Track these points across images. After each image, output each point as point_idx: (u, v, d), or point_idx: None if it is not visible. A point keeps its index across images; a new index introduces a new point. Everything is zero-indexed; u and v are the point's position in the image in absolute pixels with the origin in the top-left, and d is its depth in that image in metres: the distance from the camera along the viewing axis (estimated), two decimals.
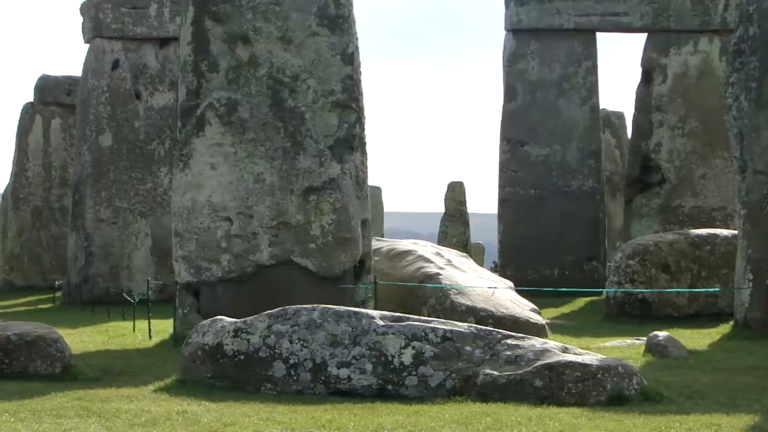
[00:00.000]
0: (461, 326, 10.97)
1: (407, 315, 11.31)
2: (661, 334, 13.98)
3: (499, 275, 20.58)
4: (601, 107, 26.39)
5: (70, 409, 9.45)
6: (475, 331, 10.83)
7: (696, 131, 25.06)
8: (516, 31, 25.17)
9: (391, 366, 10.37)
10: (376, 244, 16.71)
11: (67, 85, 29.17)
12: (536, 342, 10.73)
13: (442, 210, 36.51)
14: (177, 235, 15.07)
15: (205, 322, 11.58)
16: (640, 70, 25.91)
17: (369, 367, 10.41)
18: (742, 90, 16.61)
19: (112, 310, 19.92)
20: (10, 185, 30.36)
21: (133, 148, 24.45)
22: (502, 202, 25.37)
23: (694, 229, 20.61)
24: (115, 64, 24.63)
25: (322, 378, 10.47)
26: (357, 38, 15.50)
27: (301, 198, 14.87)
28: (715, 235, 19.22)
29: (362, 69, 15.58)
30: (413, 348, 10.44)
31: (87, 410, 9.40)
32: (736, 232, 17.36)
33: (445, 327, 10.77)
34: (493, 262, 25.76)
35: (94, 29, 24.64)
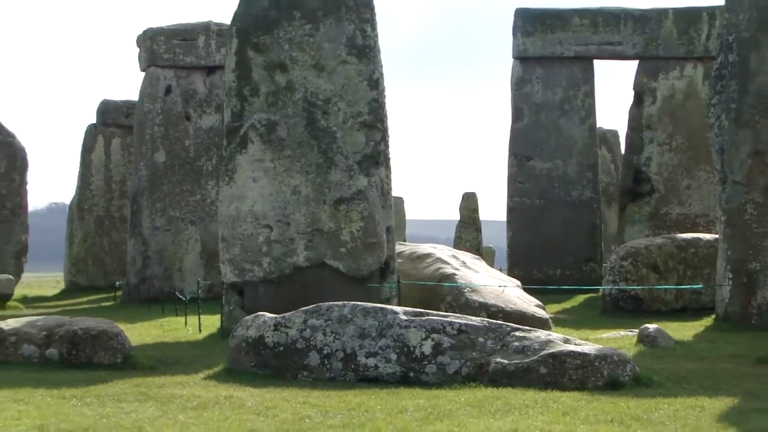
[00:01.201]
0: (475, 320, 10.97)
1: (427, 310, 11.31)
2: (651, 326, 13.95)
3: (508, 275, 20.55)
4: (597, 126, 26.32)
5: (130, 394, 9.48)
6: (487, 324, 10.83)
7: (682, 147, 24.99)
8: (522, 58, 25.15)
9: (413, 356, 10.37)
10: (399, 248, 16.68)
11: (125, 108, 29.27)
12: (541, 334, 10.73)
13: (458, 217, 36.43)
14: (223, 241, 15.10)
15: (249, 317, 11.60)
16: (632, 92, 25.83)
17: (393, 356, 10.42)
18: (722, 111, 16.58)
19: (166, 307, 19.96)
20: (75, 197, 30.44)
21: (184, 164, 24.49)
22: (511, 210, 25.32)
23: (680, 233, 20.54)
24: (168, 90, 24.69)
25: (352, 366, 10.49)
26: (381, 65, 15.50)
27: (333, 207, 14.88)
28: (699, 239, 19.18)
29: (386, 93, 15.59)
30: (432, 340, 10.44)
31: (145, 395, 9.43)
32: (717, 236, 17.32)
33: (460, 321, 10.78)
34: (499, 268, 25.66)
35: (149, 59, 24.72)
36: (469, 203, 35.88)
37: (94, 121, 30.38)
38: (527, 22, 25.12)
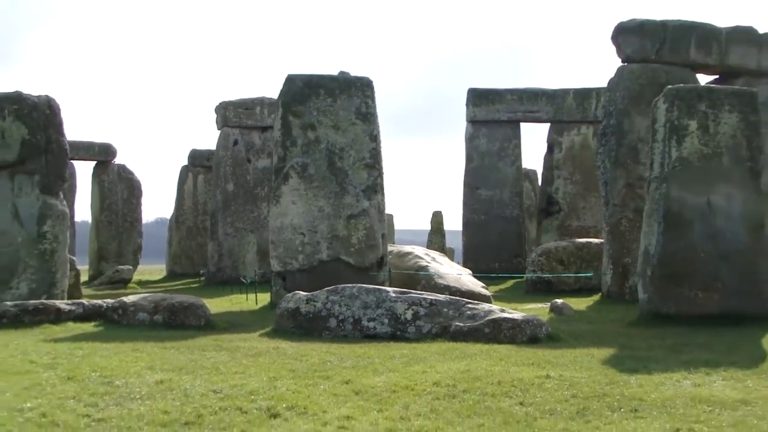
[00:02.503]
0: (441, 297, 11.01)
1: (409, 290, 11.37)
2: (559, 301, 14.02)
3: (462, 266, 20.54)
4: (522, 167, 26.32)
5: (210, 346, 9.49)
6: (449, 299, 10.88)
7: (579, 181, 25.03)
8: (472, 121, 25.14)
9: (399, 320, 10.41)
10: (390, 248, 16.73)
11: (207, 155, 29.22)
12: (485, 306, 10.78)
13: (429, 228, 36.49)
14: (272, 243, 15.12)
15: (289, 294, 11.64)
16: (546, 144, 25.89)
17: (386, 321, 10.45)
18: (606, 157, 16.68)
19: (233, 288, 19.99)
20: (174, 214, 30.43)
21: (246, 192, 24.47)
22: (465, 223, 25.30)
23: (577, 239, 20.59)
24: (235, 142, 24.68)
25: (359, 328, 10.51)
26: (378, 125, 15.55)
27: (346, 221, 14.91)
28: (590, 242, 19.23)
29: (382, 144, 15.61)
30: (412, 310, 10.47)
31: (219, 347, 9.44)
32: (602, 240, 17.40)
33: (431, 297, 10.82)
34: (457, 262, 25.64)
35: (223, 121, 24.73)
36: (437, 218, 35.93)
37: (186, 163, 30.37)
38: (476, 97, 25.15)
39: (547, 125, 25.97)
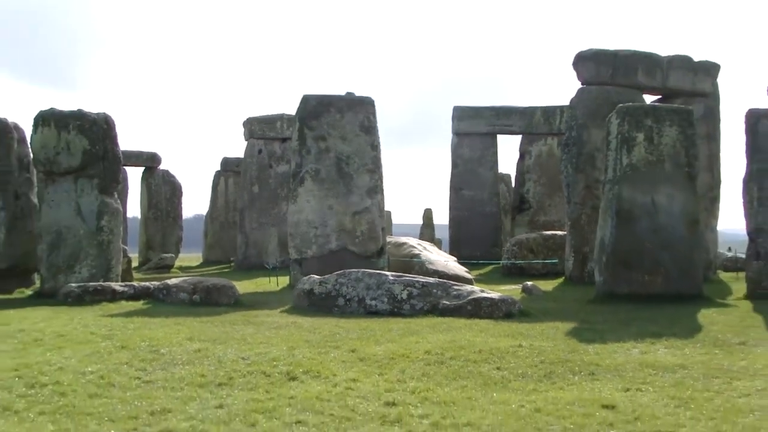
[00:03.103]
0: (431, 280, 11.00)
1: (404, 274, 11.35)
2: (529, 283, 13.99)
3: (449, 254, 20.54)
4: (499, 172, 26.27)
5: (239, 321, 9.49)
6: (438, 282, 10.86)
7: (546, 183, 24.96)
8: (457, 133, 25.04)
9: (396, 299, 10.39)
10: (388, 239, 16.73)
11: (236, 161, 29.09)
12: (468, 287, 10.76)
13: (421, 222, 36.44)
14: (290, 235, 15.09)
15: (305, 278, 11.62)
16: (518, 153, 25.83)
17: (385, 300, 10.44)
18: (568, 163, 16.65)
19: (258, 272, 19.98)
20: (209, 211, 30.34)
21: (269, 193, 24.38)
22: (451, 218, 25.22)
23: (545, 231, 20.57)
24: (260, 151, 24.56)
25: (363, 305, 10.50)
26: (379, 137, 15.49)
27: (351, 217, 14.87)
28: (555, 234, 19.20)
29: (381, 152, 15.58)
30: (407, 290, 10.46)
31: (247, 321, 9.44)
32: (566, 233, 17.38)
33: (423, 280, 10.80)
34: (445, 251, 25.58)
35: (249, 134, 24.64)
36: (428, 214, 35.78)
37: (219, 169, 30.29)
38: (460, 113, 25.05)
39: (519, 137, 25.91)
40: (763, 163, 12.37)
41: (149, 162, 28.70)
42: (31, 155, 13.92)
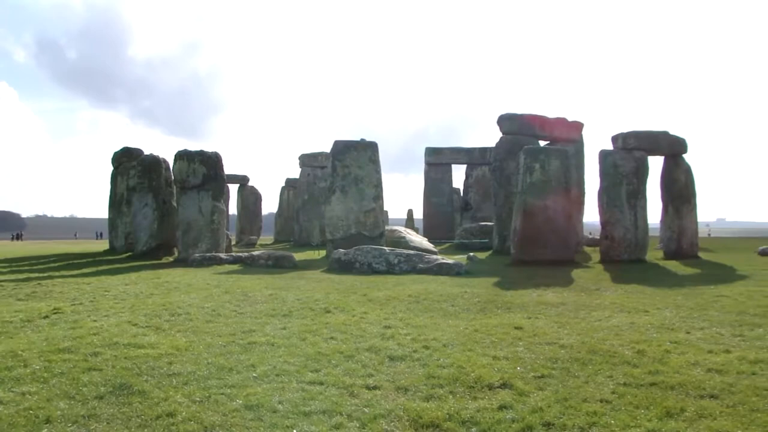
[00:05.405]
0: (412, 252, 10.95)
1: (395, 248, 11.27)
2: (471, 254, 13.90)
3: (424, 236, 20.46)
4: (453, 186, 26.18)
5: (296, 277, 9.42)
6: (416, 253, 10.81)
7: (482, 194, 24.78)
8: (428, 164, 24.97)
9: (391, 264, 10.33)
10: (386, 228, 16.61)
11: (294, 180, 28.87)
12: (435, 257, 10.70)
13: (406, 217, 36.27)
14: (326, 225, 14.97)
15: (336, 251, 11.55)
16: (465, 175, 25.64)
17: (384, 264, 10.40)
18: (495, 182, 16.53)
19: (308, 248, 19.90)
20: (278, 210, 30.18)
21: (314, 200, 24.24)
22: (425, 215, 25.20)
23: (481, 222, 20.47)
24: (308, 174, 24.43)
25: (370, 268, 10.40)
26: (380, 165, 15.33)
27: (363, 213, 14.77)
28: (487, 224, 19.09)
29: (383, 175, 15.48)
30: (398, 258, 10.41)
31: (301, 277, 9.36)
32: (493, 223, 17.24)
33: (407, 252, 10.75)
34: (422, 235, 25.42)
35: (302, 163, 24.38)
36: (409, 213, 35.67)
37: (284, 185, 30.11)
38: (430, 151, 25.01)
39: (465, 165, 25.83)
40: (608, 182, 12.40)
41: (242, 180, 28.61)
42: (172, 177, 14.04)
